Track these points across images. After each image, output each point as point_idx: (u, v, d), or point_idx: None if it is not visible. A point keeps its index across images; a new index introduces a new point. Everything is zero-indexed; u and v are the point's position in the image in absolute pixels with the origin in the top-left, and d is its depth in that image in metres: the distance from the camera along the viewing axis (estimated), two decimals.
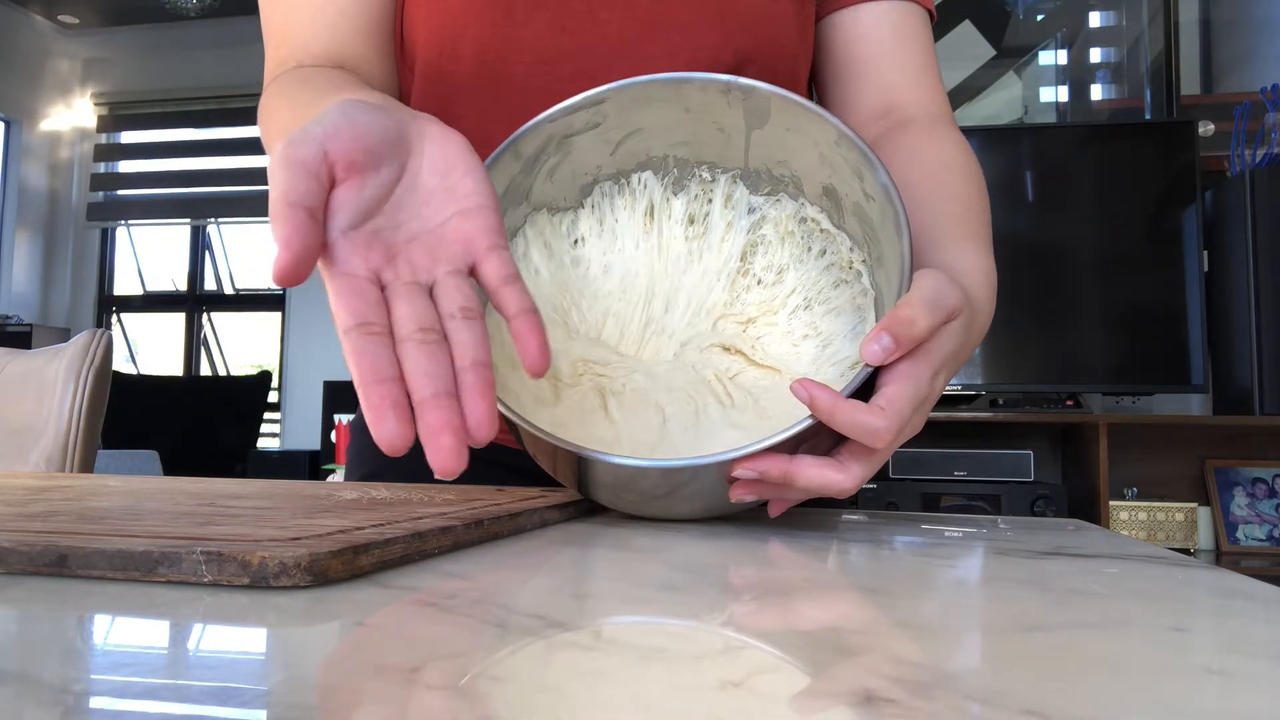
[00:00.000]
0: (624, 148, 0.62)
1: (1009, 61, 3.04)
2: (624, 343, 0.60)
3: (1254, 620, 0.31)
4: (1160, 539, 2.41)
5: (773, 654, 0.24)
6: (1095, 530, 0.54)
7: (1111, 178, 2.52)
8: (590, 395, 0.56)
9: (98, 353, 1.10)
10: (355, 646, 0.25)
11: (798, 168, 0.59)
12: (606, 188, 0.63)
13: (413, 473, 0.70)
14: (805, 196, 0.60)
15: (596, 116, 0.59)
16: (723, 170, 0.62)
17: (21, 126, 4.77)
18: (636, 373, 0.57)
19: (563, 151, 0.60)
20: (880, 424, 0.43)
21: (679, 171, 0.63)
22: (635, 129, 0.61)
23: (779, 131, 0.57)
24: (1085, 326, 2.49)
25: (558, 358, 0.58)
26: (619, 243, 0.63)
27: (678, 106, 0.59)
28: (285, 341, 4.62)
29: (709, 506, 0.51)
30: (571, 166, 0.62)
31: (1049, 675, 0.23)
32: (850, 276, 0.58)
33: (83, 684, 0.21)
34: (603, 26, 0.64)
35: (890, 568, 0.40)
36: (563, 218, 0.63)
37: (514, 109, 0.64)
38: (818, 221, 0.59)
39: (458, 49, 0.65)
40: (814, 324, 0.58)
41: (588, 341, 0.60)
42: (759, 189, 0.61)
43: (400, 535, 0.35)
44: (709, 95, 0.57)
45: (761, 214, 0.61)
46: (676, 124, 0.60)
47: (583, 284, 0.62)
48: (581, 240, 0.63)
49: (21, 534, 0.33)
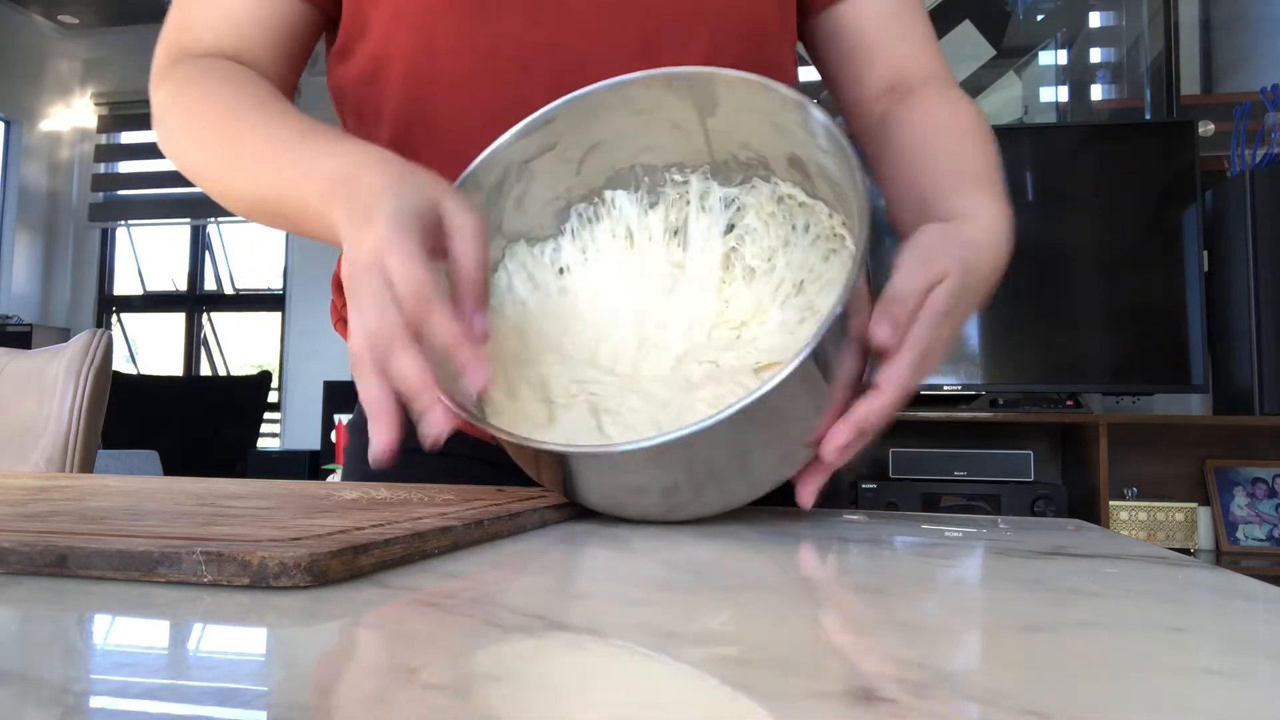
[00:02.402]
0: (588, 164, 0.62)
1: (1009, 61, 3.04)
2: (619, 364, 0.60)
3: (1254, 620, 0.31)
4: (1160, 539, 2.41)
5: (772, 654, 0.24)
6: (1095, 530, 0.54)
7: (1111, 178, 2.52)
8: (585, 416, 0.56)
9: (98, 353, 1.10)
10: (355, 646, 0.25)
11: (760, 146, 0.59)
12: (582, 210, 0.63)
13: (412, 473, 0.70)
14: (776, 175, 0.60)
15: (550, 137, 0.59)
16: (691, 169, 0.62)
17: (21, 126, 4.77)
18: (630, 391, 0.57)
19: (526, 178, 0.60)
20: (885, 400, 0.48)
21: (650, 180, 0.62)
22: (594, 143, 0.61)
23: (731, 114, 0.57)
24: (1085, 326, 2.49)
25: (550, 381, 0.58)
26: (604, 270, 0.63)
27: (627, 111, 0.59)
28: (285, 341, 4.62)
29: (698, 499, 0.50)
30: (539, 192, 0.61)
31: (1049, 675, 0.23)
32: (836, 244, 0.58)
33: (83, 684, 0.21)
34: (574, 17, 0.64)
35: (890, 568, 0.40)
36: (543, 247, 0.63)
37: (491, 103, 0.64)
38: (794, 197, 0.59)
39: (432, 45, 0.65)
40: (809, 304, 0.58)
41: (580, 364, 0.59)
42: (731, 180, 0.61)
43: (400, 535, 0.35)
44: (654, 92, 0.57)
45: (740, 204, 0.61)
46: (633, 130, 0.60)
47: (572, 313, 0.62)
48: (567, 269, 0.63)
49: (21, 534, 0.33)
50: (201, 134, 0.64)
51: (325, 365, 4.17)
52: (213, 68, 0.66)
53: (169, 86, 0.67)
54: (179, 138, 0.66)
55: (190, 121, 0.65)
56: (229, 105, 0.63)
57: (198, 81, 0.65)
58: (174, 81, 0.67)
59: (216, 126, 0.63)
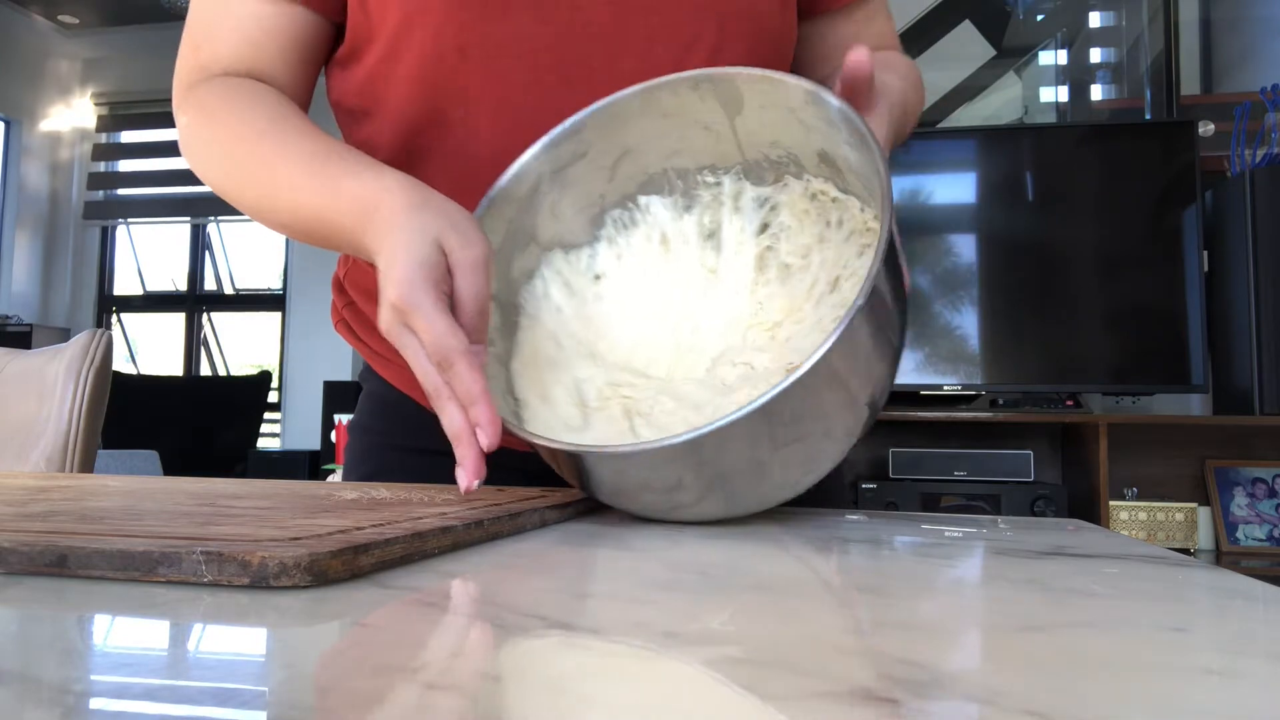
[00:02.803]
0: (620, 170, 0.62)
1: (1009, 61, 3.04)
2: (654, 367, 0.60)
3: (1254, 620, 0.31)
4: (1160, 539, 2.41)
5: (773, 654, 0.24)
6: (1095, 530, 0.54)
7: (1111, 178, 2.52)
8: (618, 418, 0.56)
9: (98, 353, 1.10)
10: (355, 646, 0.25)
11: (789, 143, 0.59)
12: (617, 215, 0.64)
13: (411, 473, 0.70)
14: (807, 171, 0.59)
15: (580, 145, 0.60)
16: (724, 170, 0.62)
17: (21, 126, 4.77)
18: (664, 394, 0.57)
19: (559, 187, 0.61)
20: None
21: (683, 183, 0.63)
22: (625, 149, 0.61)
23: (757, 112, 0.57)
24: (1085, 326, 2.49)
25: (584, 384, 0.59)
26: (640, 275, 0.63)
27: (656, 115, 0.59)
28: (285, 341, 4.62)
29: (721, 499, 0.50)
30: (573, 200, 0.62)
31: (1049, 675, 0.23)
32: (870, 239, 0.57)
33: (83, 684, 0.21)
34: (581, 14, 0.65)
35: (890, 568, 0.40)
36: (579, 254, 0.64)
37: (500, 103, 0.65)
38: (826, 193, 0.59)
39: (441, 45, 0.65)
40: (844, 301, 0.57)
41: (615, 367, 0.60)
42: (764, 179, 0.61)
43: (400, 535, 0.35)
44: (680, 95, 0.58)
45: (773, 203, 0.61)
46: (662, 133, 0.60)
47: (608, 318, 0.62)
48: (603, 275, 0.63)
49: (21, 534, 0.33)
50: (229, 159, 0.66)
51: (325, 365, 4.17)
52: (234, 90, 0.67)
53: (192, 111, 0.68)
54: (207, 163, 0.68)
55: (216, 146, 0.67)
56: (254, 128, 0.64)
57: (220, 105, 0.66)
58: (196, 106, 0.68)
59: (242, 151, 0.65)
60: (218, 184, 0.67)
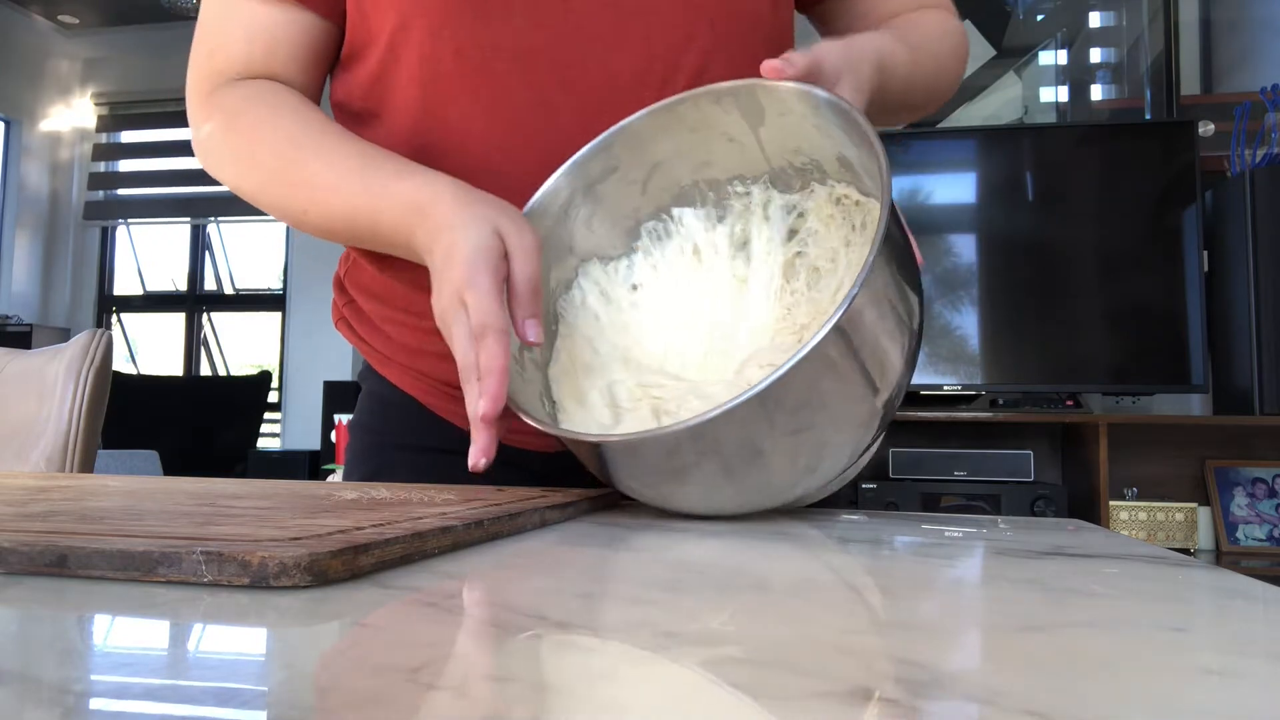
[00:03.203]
0: (652, 184, 0.64)
1: (1009, 61, 3.04)
2: (685, 370, 0.62)
3: (1254, 620, 0.31)
4: (1160, 539, 2.41)
5: (773, 653, 0.24)
6: (1095, 530, 0.54)
7: (1111, 178, 2.52)
8: (647, 418, 0.59)
9: (98, 353, 1.10)
10: (355, 646, 0.25)
11: (810, 149, 0.60)
12: (651, 227, 0.65)
13: (412, 472, 0.70)
14: (830, 176, 0.61)
15: (611, 161, 0.62)
16: (752, 179, 0.63)
17: (21, 126, 4.77)
18: (692, 394, 0.58)
19: (592, 201, 0.63)
20: None
21: (715, 194, 0.64)
22: (654, 163, 0.63)
23: (776, 120, 0.58)
24: (1085, 326, 2.49)
25: (617, 388, 0.61)
26: (674, 285, 0.65)
27: (682, 129, 0.61)
28: (285, 341, 4.62)
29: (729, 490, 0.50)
30: (607, 213, 0.64)
31: (1049, 675, 0.23)
32: None
33: (83, 684, 0.21)
34: (576, 18, 0.65)
35: (890, 568, 0.40)
36: (616, 265, 0.66)
37: (495, 102, 0.65)
38: (849, 196, 0.60)
39: (439, 47, 0.65)
40: None
41: (646, 370, 0.62)
42: (791, 187, 0.63)
43: (400, 535, 0.35)
44: (703, 109, 0.59)
45: (800, 209, 0.62)
46: (690, 147, 0.62)
47: (644, 326, 0.65)
48: (639, 286, 0.66)
49: (21, 534, 0.33)
50: (261, 164, 0.66)
51: (325, 365, 4.17)
52: (259, 94, 0.68)
53: (218, 117, 0.68)
54: (235, 168, 0.68)
55: (247, 152, 0.67)
56: (288, 134, 0.65)
57: (247, 110, 0.67)
58: (222, 112, 0.68)
59: (276, 156, 0.65)
60: (245, 186, 0.68)
